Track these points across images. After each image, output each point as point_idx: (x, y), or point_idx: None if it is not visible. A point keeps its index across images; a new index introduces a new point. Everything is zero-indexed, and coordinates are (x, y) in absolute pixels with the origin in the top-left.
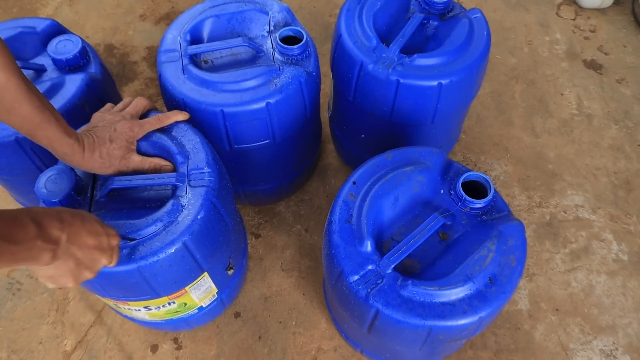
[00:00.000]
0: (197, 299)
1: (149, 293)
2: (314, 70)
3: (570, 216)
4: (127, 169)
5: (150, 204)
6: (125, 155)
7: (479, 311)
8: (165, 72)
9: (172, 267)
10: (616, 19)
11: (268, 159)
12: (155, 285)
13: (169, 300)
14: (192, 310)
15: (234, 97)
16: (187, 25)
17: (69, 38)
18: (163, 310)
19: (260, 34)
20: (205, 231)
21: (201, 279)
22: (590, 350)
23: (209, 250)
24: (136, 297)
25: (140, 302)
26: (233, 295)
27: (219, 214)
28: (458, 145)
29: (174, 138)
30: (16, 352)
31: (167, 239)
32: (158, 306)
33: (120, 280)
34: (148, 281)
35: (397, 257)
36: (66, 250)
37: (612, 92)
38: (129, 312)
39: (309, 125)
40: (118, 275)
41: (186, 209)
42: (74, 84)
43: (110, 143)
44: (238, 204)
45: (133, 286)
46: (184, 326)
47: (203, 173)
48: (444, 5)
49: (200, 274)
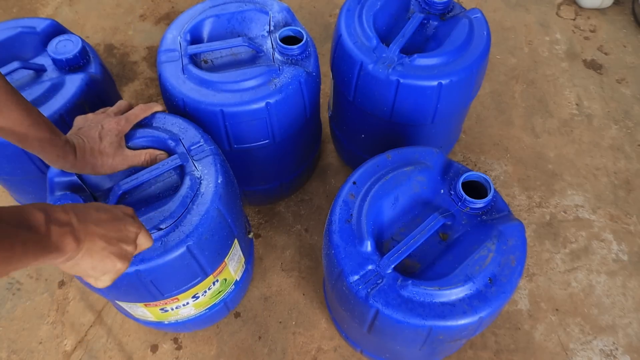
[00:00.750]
0: (233, 271)
1: (199, 274)
2: (314, 70)
3: (570, 216)
4: (123, 166)
5: (164, 194)
6: (117, 152)
7: (479, 311)
8: (165, 72)
9: (213, 237)
10: (616, 19)
11: (268, 159)
12: (204, 261)
13: (213, 280)
14: (230, 287)
15: (234, 97)
16: (187, 25)
17: (68, 38)
18: (208, 295)
19: (260, 34)
20: (228, 194)
21: (234, 247)
22: (590, 350)
23: (234, 213)
24: (188, 284)
25: (189, 291)
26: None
27: (230, 177)
28: (458, 145)
29: (157, 128)
30: (16, 352)
31: (202, 210)
32: (204, 290)
33: (175, 268)
34: (197, 259)
35: (397, 257)
36: (84, 229)
37: (612, 92)
38: (174, 315)
39: (308, 125)
40: (172, 263)
41: (204, 180)
42: (74, 84)
43: (100, 141)
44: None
45: (186, 270)
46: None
47: (201, 145)
48: (444, 5)
49: (233, 241)
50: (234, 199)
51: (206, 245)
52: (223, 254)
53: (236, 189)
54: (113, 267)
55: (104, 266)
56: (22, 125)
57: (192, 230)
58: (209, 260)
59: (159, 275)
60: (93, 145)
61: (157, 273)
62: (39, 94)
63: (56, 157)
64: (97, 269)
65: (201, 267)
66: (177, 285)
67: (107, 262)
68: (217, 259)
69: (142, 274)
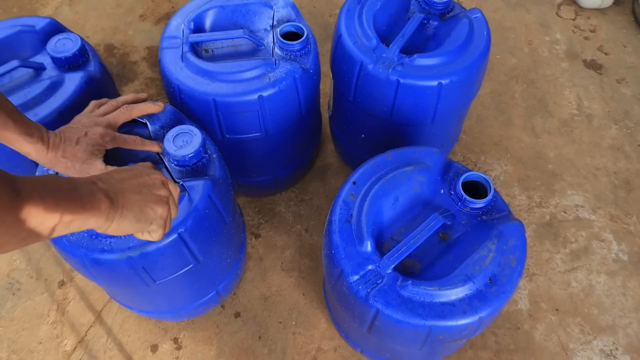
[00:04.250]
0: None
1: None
2: (312, 67)
3: (570, 216)
4: (87, 174)
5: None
6: (89, 160)
7: (479, 311)
8: (165, 58)
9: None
10: (616, 19)
11: (260, 152)
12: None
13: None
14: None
15: (227, 88)
16: (191, 13)
17: (68, 36)
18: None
19: (263, 27)
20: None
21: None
22: (590, 350)
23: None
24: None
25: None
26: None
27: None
28: (458, 145)
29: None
30: (16, 352)
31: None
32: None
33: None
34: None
35: (397, 257)
36: (112, 186)
37: (612, 92)
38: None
39: (304, 122)
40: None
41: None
42: (73, 83)
43: (75, 145)
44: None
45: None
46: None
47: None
48: (444, 5)
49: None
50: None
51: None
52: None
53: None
54: (154, 213)
55: (147, 215)
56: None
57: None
58: (200, 248)
59: (151, 262)
60: (67, 146)
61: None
62: (38, 92)
63: (27, 154)
64: (142, 220)
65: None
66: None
67: (148, 210)
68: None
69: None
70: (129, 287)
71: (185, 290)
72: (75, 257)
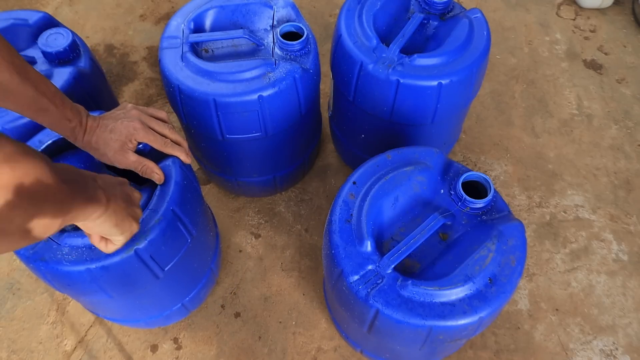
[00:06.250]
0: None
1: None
2: (312, 67)
3: (570, 216)
4: (120, 165)
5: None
6: (121, 150)
7: (479, 311)
8: (165, 58)
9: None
10: (616, 19)
11: (260, 152)
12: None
13: None
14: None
15: (227, 88)
16: (191, 13)
17: (59, 31)
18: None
19: (263, 27)
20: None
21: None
22: (590, 350)
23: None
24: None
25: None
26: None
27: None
28: (458, 145)
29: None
30: (16, 352)
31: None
32: None
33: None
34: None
35: (397, 257)
36: (107, 188)
37: (612, 92)
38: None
39: (304, 122)
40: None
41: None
42: (61, 77)
43: (110, 133)
44: (234, 194)
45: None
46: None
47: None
48: (444, 5)
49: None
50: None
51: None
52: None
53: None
54: (129, 226)
55: (124, 225)
56: (29, 110)
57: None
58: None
59: (111, 276)
60: (102, 132)
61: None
62: None
63: (66, 137)
64: (119, 226)
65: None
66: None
67: (126, 222)
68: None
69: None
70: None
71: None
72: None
